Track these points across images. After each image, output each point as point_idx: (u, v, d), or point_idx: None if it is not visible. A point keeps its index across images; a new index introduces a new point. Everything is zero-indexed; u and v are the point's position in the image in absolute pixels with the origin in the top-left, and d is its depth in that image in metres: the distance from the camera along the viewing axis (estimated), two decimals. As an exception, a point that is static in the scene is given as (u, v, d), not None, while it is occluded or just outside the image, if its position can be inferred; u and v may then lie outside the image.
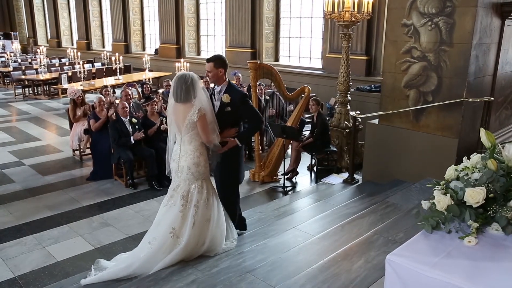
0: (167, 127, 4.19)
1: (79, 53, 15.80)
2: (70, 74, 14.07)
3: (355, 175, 6.36)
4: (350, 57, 7.12)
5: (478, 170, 2.08)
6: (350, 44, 7.06)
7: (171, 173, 3.83)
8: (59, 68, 15.73)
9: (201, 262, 3.60)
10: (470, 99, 5.00)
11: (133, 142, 6.41)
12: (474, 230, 1.94)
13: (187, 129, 3.66)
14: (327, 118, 7.45)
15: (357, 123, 6.42)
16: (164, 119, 6.52)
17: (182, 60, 12.73)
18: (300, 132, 7.12)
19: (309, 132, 7.10)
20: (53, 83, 14.27)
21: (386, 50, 5.75)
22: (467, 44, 4.81)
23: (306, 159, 7.14)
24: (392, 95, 5.59)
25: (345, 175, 6.52)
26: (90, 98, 11.12)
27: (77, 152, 7.81)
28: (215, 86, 4.16)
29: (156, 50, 17.72)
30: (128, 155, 6.28)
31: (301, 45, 12.85)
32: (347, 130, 7.02)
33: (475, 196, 1.94)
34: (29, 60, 18.79)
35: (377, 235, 3.75)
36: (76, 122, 7.74)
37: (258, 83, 6.94)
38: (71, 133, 7.88)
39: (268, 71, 6.53)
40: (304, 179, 6.86)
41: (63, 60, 18.25)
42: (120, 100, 7.26)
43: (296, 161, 6.85)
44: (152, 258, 3.56)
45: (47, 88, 14.64)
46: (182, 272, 3.44)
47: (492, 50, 5.25)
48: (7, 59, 17.55)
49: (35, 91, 14.69)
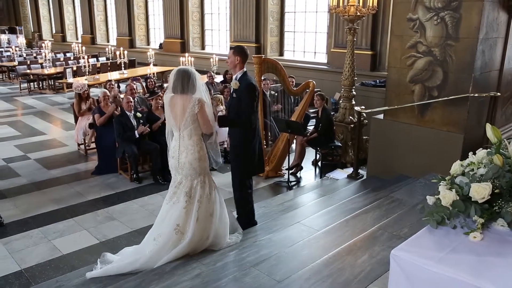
0: None
1: (84, 48, 15.79)
2: (75, 69, 14.11)
3: (360, 170, 6.34)
4: (355, 52, 7.09)
5: (484, 166, 2.07)
6: (355, 39, 7.03)
7: (171, 170, 3.81)
8: (64, 63, 15.77)
9: (206, 256, 3.62)
10: (476, 94, 4.97)
11: (138, 137, 6.43)
12: (480, 226, 1.93)
13: (187, 123, 3.64)
14: (332, 113, 7.44)
15: (362, 118, 6.40)
16: None
17: (187, 55, 12.73)
18: (305, 127, 7.12)
19: (314, 127, 7.09)
20: (58, 78, 14.31)
21: (392, 45, 5.72)
22: (474, 39, 4.77)
23: (311, 154, 7.13)
24: (397, 90, 5.57)
25: (350, 170, 6.51)
26: (95, 93, 11.13)
27: (82, 146, 7.84)
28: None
29: (161, 45, 17.71)
30: (133, 149, 6.30)
31: (306, 40, 12.80)
32: (352, 125, 7.01)
33: (481, 192, 1.93)
34: (34, 55, 18.83)
35: (382, 230, 3.75)
36: (81, 116, 7.77)
37: (263, 78, 6.92)
38: (76, 127, 7.91)
39: (273, 66, 6.51)
40: (309, 174, 6.86)
41: (68, 55, 18.28)
42: (125, 95, 7.27)
43: (301, 156, 6.84)
44: (157, 254, 3.58)
45: (52, 83, 14.68)
46: (187, 266, 3.46)
47: (499, 45, 5.20)
48: (13, 54, 17.59)
49: (40, 86, 14.73)
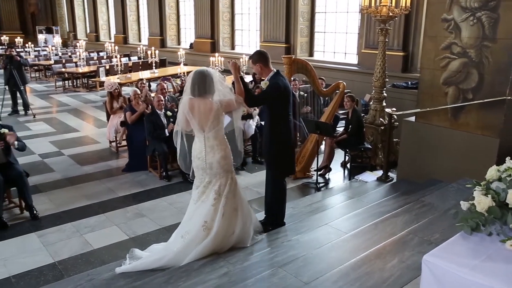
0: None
1: (116, 47, 16.13)
2: (108, 68, 14.41)
3: (390, 173, 6.24)
4: (387, 53, 6.98)
5: (523, 171, 2.01)
6: (387, 40, 6.91)
7: (197, 171, 3.80)
8: (97, 62, 16.16)
9: (233, 256, 3.63)
10: (514, 97, 4.82)
11: (168, 135, 6.51)
12: (517, 233, 1.88)
13: (213, 125, 3.67)
14: (362, 115, 7.34)
15: (393, 120, 6.30)
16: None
17: (217, 55, 12.81)
18: (334, 128, 7.05)
19: (343, 129, 7.02)
20: (91, 76, 14.67)
21: (425, 46, 5.61)
22: (512, 40, 4.63)
23: (340, 156, 7.06)
24: (430, 92, 5.45)
25: (379, 173, 6.42)
26: (126, 91, 11.35)
27: (114, 144, 8.00)
28: None
29: (191, 45, 17.91)
30: (163, 148, 6.38)
31: (336, 40, 12.69)
32: (382, 127, 6.90)
33: (519, 198, 1.88)
34: (69, 54, 19.37)
35: (412, 235, 3.68)
36: (113, 114, 7.93)
37: (293, 79, 6.90)
38: (108, 125, 8.08)
39: (303, 66, 6.48)
40: (337, 176, 6.80)
41: (101, 54, 18.71)
42: (156, 94, 7.38)
43: (330, 158, 6.79)
44: (184, 251, 3.62)
45: (86, 81, 15.06)
46: (214, 265, 3.48)
47: (539, 46, 5.03)
48: (49, 53, 18.14)
49: (74, 84, 15.13)
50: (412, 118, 5.80)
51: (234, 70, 3.87)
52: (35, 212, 5.19)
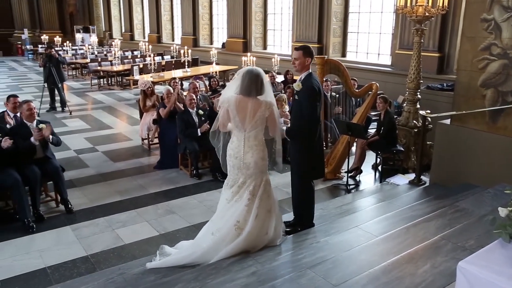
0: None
1: (150, 46, 16.42)
2: (141, 66, 14.69)
3: (422, 177, 6.11)
4: (422, 54, 6.82)
5: None
6: (422, 40, 6.76)
7: (232, 170, 3.78)
8: (131, 60, 16.52)
9: (262, 255, 3.63)
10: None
11: (200, 134, 6.57)
12: (559, 242, 1.80)
13: (256, 125, 3.68)
14: (395, 117, 7.21)
15: (427, 123, 6.16)
16: None
17: (249, 54, 12.86)
18: (366, 130, 6.95)
19: (375, 130, 6.91)
20: (126, 75, 14.99)
21: (462, 47, 5.45)
22: (556, 41, 4.45)
23: (371, 158, 6.96)
24: (467, 94, 5.30)
25: (411, 176, 6.29)
26: (159, 90, 11.54)
27: (146, 141, 8.14)
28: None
29: (223, 44, 18.03)
30: (194, 146, 6.45)
31: (370, 41, 12.51)
32: (416, 130, 6.76)
33: (562, 206, 1.80)
34: (105, 53, 19.86)
35: (445, 240, 3.60)
36: (146, 112, 8.07)
37: (325, 79, 6.84)
38: (141, 123, 8.23)
39: (336, 67, 6.41)
40: (368, 178, 6.70)
41: (135, 53, 19.10)
42: (188, 92, 7.47)
43: (361, 159, 6.70)
44: (214, 248, 3.64)
45: (120, 79, 15.40)
46: (243, 264, 3.49)
47: None
48: (86, 52, 18.65)
49: (109, 82, 15.50)
50: (447, 121, 5.66)
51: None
52: (70, 206, 5.35)
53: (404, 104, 7.28)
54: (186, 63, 14.06)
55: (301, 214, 4.34)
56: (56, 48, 13.38)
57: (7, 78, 17.47)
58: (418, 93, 6.92)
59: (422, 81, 7.05)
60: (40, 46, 21.61)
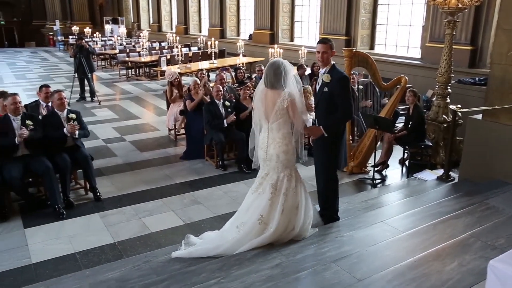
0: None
1: (178, 38, 16.57)
2: (169, 57, 14.83)
3: (451, 173, 5.97)
4: (453, 47, 6.65)
5: None
6: (454, 33, 6.58)
7: (259, 162, 3.85)
8: (159, 52, 16.70)
9: (286, 247, 3.64)
10: None
11: (226, 125, 6.60)
12: None
13: (276, 117, 3.69)
14: (424, 111, 7.07)
15: (457, 118, 6.01)
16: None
17: (276, 46, 12.79)
18: (394, 124, 6.84)
19: (403, 125, 6.79)
20: (153, 66, 15.17)
21: (497, 40, 5.28)
22: None
23: (398, 152, 6.85)
24: (501, 89, 5.14)
25: (440, 172, 6.16)
26: (186, 81, 11.63)
27: (172, 132, 8.24)
28: (320, 69, 4.20)
29: (250, 36, 18.01)
30: (220, 137, 6.48)
31: (399, 33, 12.26)
32: (445, 125, 6.61)
33: None
34: (133, 44, 20.14)
35: (474, 238, 3.53)
36: (173, 103, 8.16)
37: (352, 72, 6.75)
38: (168, 113, 8.33)
39: (364, 60, 6.32)
40: (395, 173, 6.60)
41: (163, 44, 19.29)
42: (215, 84, 7.50)
43: (388, 154, 6.60)
44: (239, 242, 3.66)
45: (148, 70, 15.60)
46: (267, 255, 3.50)
47: None
48: (114, 43, 18.94)
49: (137, 73, 15.71)
50: (479, 116, 5.51)
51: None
52: (98, 194, 5.47)
53: (434, 98, 7.12)
54: (213, 55, 14.11)
55: (327, 207, 4.31)
56: (86, 39, 13.64)
57: (39, 68, 17.95)
58: (449, 87, 6.77)
59: (453, 75, 6.88)
60: (71, 37, 22.09)
